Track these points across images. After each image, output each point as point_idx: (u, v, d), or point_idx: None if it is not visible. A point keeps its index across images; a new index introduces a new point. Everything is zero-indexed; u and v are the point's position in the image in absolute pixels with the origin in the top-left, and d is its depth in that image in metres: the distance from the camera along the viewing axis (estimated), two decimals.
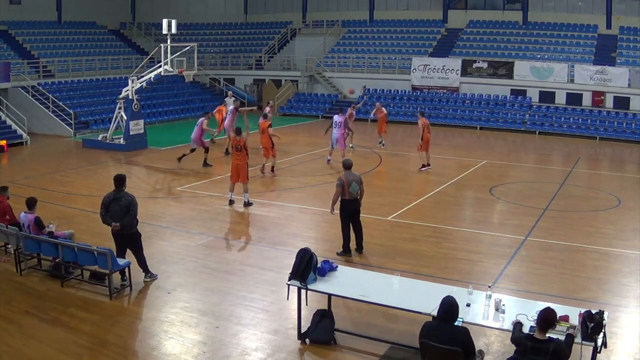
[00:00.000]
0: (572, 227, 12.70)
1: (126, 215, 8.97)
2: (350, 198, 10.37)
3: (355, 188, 10.36)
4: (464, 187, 16.59)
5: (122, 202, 9.01)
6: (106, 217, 9.09)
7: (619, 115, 26.44)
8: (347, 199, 10.39)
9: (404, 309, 7.03)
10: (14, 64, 26.96)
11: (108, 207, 9.07)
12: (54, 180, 16.90)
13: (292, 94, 33.20)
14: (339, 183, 10.37)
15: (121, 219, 8.98)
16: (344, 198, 10.40)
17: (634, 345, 7.72)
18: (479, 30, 32.79)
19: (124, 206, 8.99)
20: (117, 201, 9.02)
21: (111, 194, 9.12)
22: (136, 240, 9.34)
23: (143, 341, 7.77)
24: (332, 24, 36.12)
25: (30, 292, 9.12)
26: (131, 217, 9.04)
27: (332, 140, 18.66)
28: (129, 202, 9.03)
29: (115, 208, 9.01)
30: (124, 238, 9.22)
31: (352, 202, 10.42)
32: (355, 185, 10.37)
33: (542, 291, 9.09)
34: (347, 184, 10.29)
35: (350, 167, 10.56)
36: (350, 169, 10.53)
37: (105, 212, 9.07)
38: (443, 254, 11.00)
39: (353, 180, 10.36)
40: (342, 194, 10.38)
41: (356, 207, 10.53)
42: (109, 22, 36.24)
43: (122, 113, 21.54)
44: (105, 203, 9.10)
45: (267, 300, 8.93)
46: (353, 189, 10.34)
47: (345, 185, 10.29)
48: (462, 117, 28.99)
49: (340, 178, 10.42)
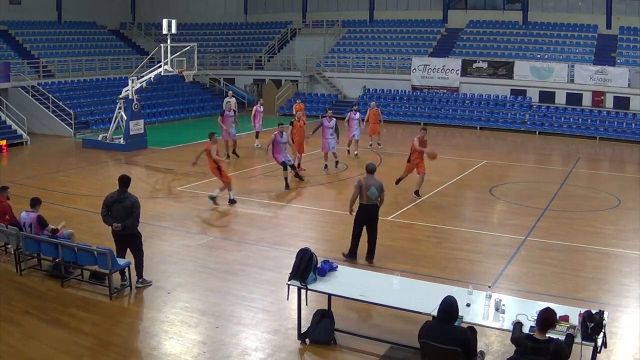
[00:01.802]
0: (572, 227, 12.70)
1: (129, 216, 8.96)
2: (368, 203, 10.12)
3: (374, 193, 10.08)
4: (464, 187, 16.59)
5: (125, 203, 8.98)
6: (108, 218, 9.05)
7: (619, 115, 26.43)
8: (365, 204, 10.15)
9: (404, 309, 7.03)
10: (14, 64, 26.96)
11: (110, 207, 9.04)
12: (54, 180, 16.90)
13: (292, 94, 33.19)
14: (357, 185, 10.18)
15: (123, 219, 8.95)
16: (362, 202, 10.17)
17: (634, 345, 7.72)
18: (479, 30, 32.78)
19: (127, 207, 8.97)
20: (121, 202, 9.00)
21: (114, 194, 9.09)
22: (136, 240, 9.30)
23: (143, 341, 7.78)
24: (332, 24, 36.12)
25: (30, 292, 9.12)
26: (134, 218, 9.02)
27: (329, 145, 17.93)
28: (132, 204, 9.01)
29: (118, 209, 8.98)
30: (125, 238, 9.20)
31: (369, 207, 10.16)
32: (375, 191, 10.08)
33: (542, 291, 9.09)
34: (366, 188, 10.04)
35: (374, 171, 10.31)
36: (373, 174, 10.27)
37: (107, 212, 9.04)
38: (443, 254, 11.00)
39: (372, 185, 10.09)
40: (360, 197, 10.16)
41: (373, 213, 10.25)
42: (109, 22, 36.24)
43: (122, 113, 21.55)
44: (107, 203, 9.06)
45: (267, 300, 8.93)
46: (372, 193, 10.07)
47: (363, 188, 10.05)
48: (462, 117, 28.98)
49: (360, 180, 10.22)
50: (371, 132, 21.69)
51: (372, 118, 21.42)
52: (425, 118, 29.43)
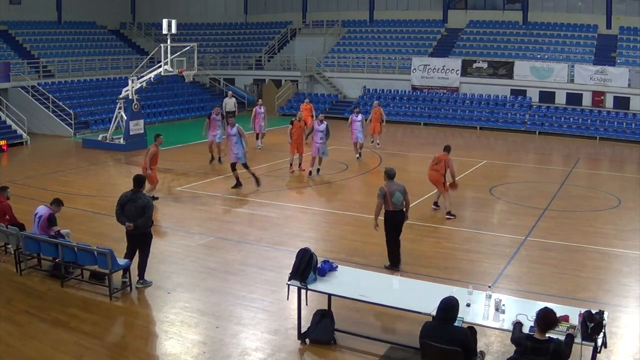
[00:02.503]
0: (572, 227, 12.70)
1: (140, 216, 9.01)
2: (394, 209, 9.85)
3: (399, 198, 9.83)
4: (464, 187, 16.54)
5: (138, 203, 9.04)
6: (121, 216, 9.12)
7: (619, 115, 26.43)
8: (391, 210, 9.88)
9: (404, 309, 7.03)
10: (14, 64, 26.97)
11: (124, 206, 9.11)
12: (54, 180, 16.90)
13: (292, 94, 33.20)
14: (380, 194, 9.81)
15: (135, 219, 9.01)
16: (388, 209, 9.90)
17: (634, 345, 7.72)
18: (479, 30, 32.79)
19: (140, 207, 9.02)
20: (133, 202, 9.06)
21: (128, 194, 9.17)
22: (146, 241, 9.35)
23: (143, 341, 7.77)
24: (332, 24, 36.12)
25: (30, 292, 9.12)
26: (146, 218, 9.07)
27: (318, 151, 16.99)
28: (144, 204, 9.07)
29: (131, 208, 9.05)
30: (136, 238, 9.24)
31: (396, 213, 9.91)
32: (399, 195, 9.83)
33: (542, 291, 9.09)
34: (390, 194, 9.77)
35: (394, 176, 9.97)
36: (393, 179, 9.95)
37: (121, 210, 9.12)
38: (443, 254, 11.00)
39: (396, 190, 9.82)
40: (385, 205, 9.88)
41: (401, 219, 10.04)
42: (109, 22, 36.26)
43: (122, 113, 21.55)
44: (121, 202, 9.15)
45: (267, 300, 8.93)
46: (396, 198, 9.80)
47: (387, 196, 9.77)
48: (462, 117, 28.98)
49: (382, 188, 9.86)
50: (372, 131, 21.73)
51: (374, 117, 21.51)
52: (425, 118, 29.45)
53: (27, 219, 10.39)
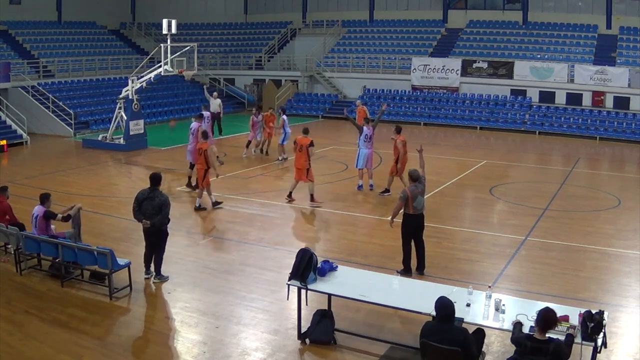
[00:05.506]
0: (572, 227, 12.70)
1: (157, 214, 9.08)
2: (414, 213, 9.58)
3: (421, 202, 9.59)
4: (464, 187, 16.59)
5: (155, 202, 9.11)
6: (138, 213, 9.20)
7: (619, 115, 26.43)
8: (411, 214, 9.58)
9: (404, 309, 7.03)
10: (14, 64, 26.97)
11: (141, 204, 9.16)
12: (54, 180, 16.90)
13: (292, 94, 33.20)
14: (402, 196, 9.56)
15: (152, 217, 9.07)
16: (407, 212, 9.61)
17: (634, 345, 7.72)
18: (479, 30, 32.79)
19: (157, 205, 9.09)
20: (151, 200, 9.13)
21: (145, 191, 9.25)
22: (163, 238, 9.44)
23: (143, 341, 7.77)
24: (332, 24, 36.12)
25: (30, 292, 9.12)
26: (163, 216, 9.15)
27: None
28: (162, 202, 9.14)
29: (147, 206, 9.12)
30: (152, 235, 9.31)
31: (416, 217, 9.63)
32: (421, 200, 9.61)
33: (542, 291, 9.09)
34: (412, 198, 9.47)
35: (417, 179, 9.68)
36: (417, 181, 9.67)
37: (138, 207, 9.18)
38: (443, 254, 10.99)
39: (419, 194, 9.58)
40: (405, 208, 9.61)
41: (420, 223, 9.79)
42: (109, 22, 36.25)
43: (122, 113, 21.56)
44: (138, 199, 9.22)
45: (267, 300, 8.93)
46: (418, 203, 9.55)
47: (409, 199, 9.47)
48: (462, 117, 28.98)
49: (405, 191, 9.63)
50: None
51: (358, 116, 21.13)
52: (425, 118, 29.45)
53: (27, 219, 10.37)
